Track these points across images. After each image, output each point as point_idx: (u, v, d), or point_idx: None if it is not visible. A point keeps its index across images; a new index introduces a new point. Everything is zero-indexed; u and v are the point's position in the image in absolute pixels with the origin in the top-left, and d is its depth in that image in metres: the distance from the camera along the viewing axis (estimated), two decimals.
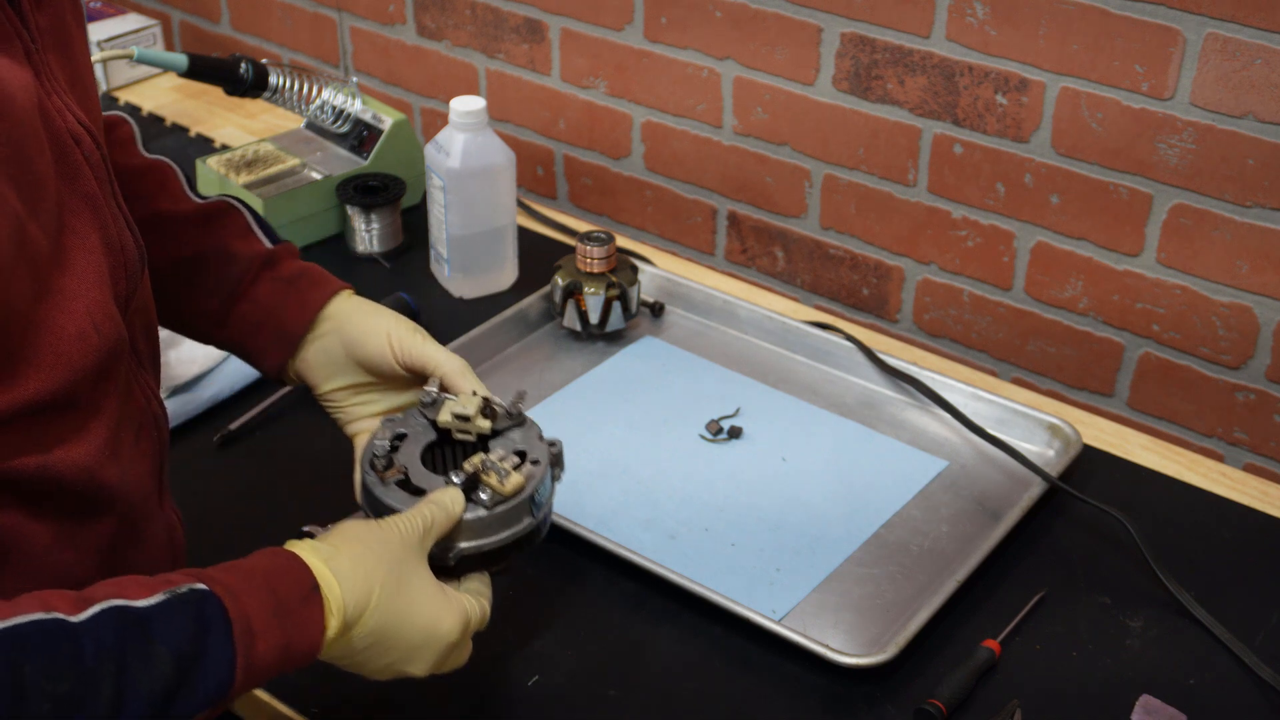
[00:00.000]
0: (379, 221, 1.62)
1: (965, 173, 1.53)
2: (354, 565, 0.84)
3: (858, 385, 1.43)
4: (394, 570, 0.86)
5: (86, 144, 0.84)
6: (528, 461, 0.98)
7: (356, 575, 0.84)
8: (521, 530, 0.96)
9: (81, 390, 0.81)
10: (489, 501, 0.94)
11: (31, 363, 0.77)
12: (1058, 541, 1.23)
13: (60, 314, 0.79)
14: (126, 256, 0.88)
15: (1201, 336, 1.44)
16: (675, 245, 1.83)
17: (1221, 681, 1.09)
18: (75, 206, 0.82)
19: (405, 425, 1.01)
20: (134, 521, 0.91)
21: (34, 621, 0.70)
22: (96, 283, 0.83)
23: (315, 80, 1.66)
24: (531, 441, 1.00)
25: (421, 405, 1.02)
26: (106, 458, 0.85)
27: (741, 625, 1.11)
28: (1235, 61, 1.31)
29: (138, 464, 0.91)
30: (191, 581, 0.77)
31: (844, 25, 1.54)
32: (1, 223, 0.72)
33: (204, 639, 0.75)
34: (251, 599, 0.78)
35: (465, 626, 0.90)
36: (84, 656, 0.71)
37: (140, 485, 0.92)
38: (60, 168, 0.81)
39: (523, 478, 0.96)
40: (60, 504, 0.83)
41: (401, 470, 0.98)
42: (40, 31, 0.83)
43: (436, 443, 1.01)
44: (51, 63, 0.84)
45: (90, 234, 0.83)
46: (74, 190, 0.83)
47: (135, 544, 0.92)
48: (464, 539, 0.94)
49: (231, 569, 0.80)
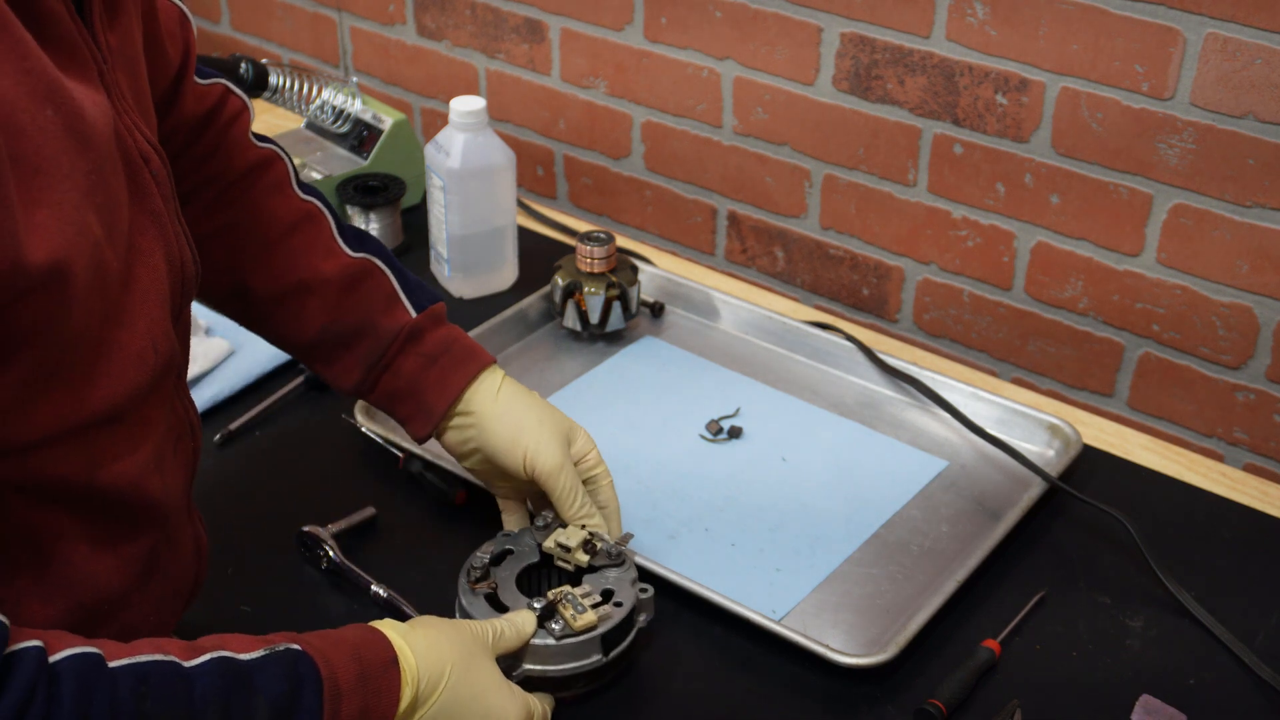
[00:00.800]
0: (379, 221, 1.62)
1: (965, 173, 1.53)
2: (429, 645, 0.90)
3: (858, 385, 1.43)
4: (464, 658, 0.92)
5: (154, 163, 0.85)
6: (610, 603, 1.04)
7: (431, 654, 0.90)
8: (587, 665, 1.02)
9: (133, 406, 0.83)
10: (559, 633, 1.01)
11: (93, 382, 0.78)
12: (1058, 541, 1.23)
13: (124, 333, 0.80)
14: (185, 274, 0.89)
15: (1201, 336, 1.44)
16: (675, 245, 1.83)
17: (1221, 681, 1.09)
18: (143, 225, 0.83)
19: (515, 542, 1.09)
20: (169, 533, 0.92)
21: (154, 661, 0.77)
22: (158, 301, 0.84)
23: (315, 80, 1.66)
24: (623, 584, 1.06)
25: (534, 527, 1.10)
26: (151, 470, 0.87)
27: (741, 625, 1.11)
28: (1235, 61, 1.31)
29: (177, 475, 0.92)
30: (288, 642, 0.84)
31: (844, 25, 1.54)
32: (84, 249, 0.73)
33: (298, 693, 0.81)
34: (340, 662, 0.84)
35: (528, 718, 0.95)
36: (194, 698, 0.77)
37: (178, 497, 0.93)
38: (130, 188, 0.82)
39: (596, 617, 1.02)
40: (105, 514, 0.85)
41: (492, 585, 1.05)
42: (111, 51, 0.83)
43: (537, 565, 1.08)
44: (121, 82, 0.84)
45: (155, 251, 0.84)
46: (142, 209, 0.83)
47: (169, 553, 0.93)
48: (530, 661, 1.01)
49: (322, 635, 0.86)
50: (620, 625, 1.03)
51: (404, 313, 1.10)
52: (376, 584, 1.15)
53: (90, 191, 0.74)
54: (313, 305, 1.09)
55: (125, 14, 0.86)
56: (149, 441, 0.86)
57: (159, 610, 0.93)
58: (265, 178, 1.11)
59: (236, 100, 1.11)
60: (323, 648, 0.84)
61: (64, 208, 0.71)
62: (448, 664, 0.90)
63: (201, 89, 1.08)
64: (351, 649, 0.86)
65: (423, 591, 1.14)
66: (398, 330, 1.09)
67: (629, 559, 1.08)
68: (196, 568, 0.99)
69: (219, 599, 1.15)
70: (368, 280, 1.10)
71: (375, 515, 1.23)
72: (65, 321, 0.73)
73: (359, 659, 0.85)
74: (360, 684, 0.84)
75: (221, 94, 1.09)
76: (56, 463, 0.79)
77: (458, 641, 0.92)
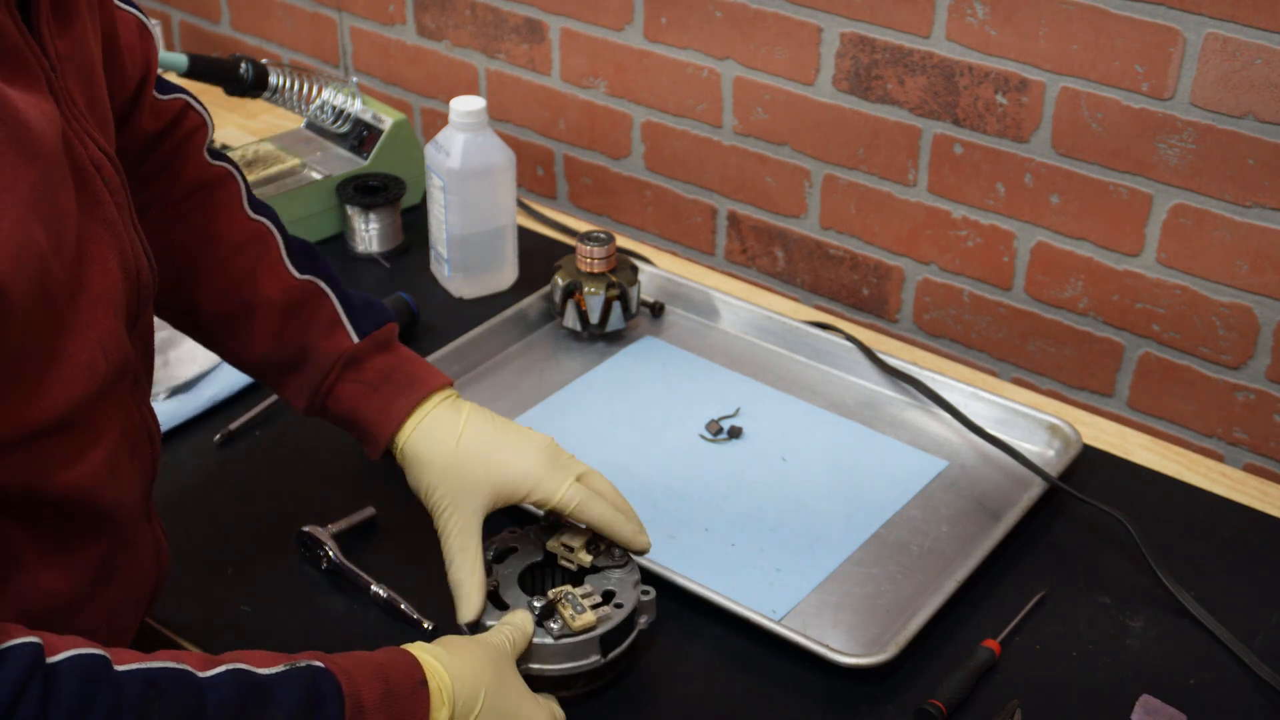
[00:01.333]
0: (379, 221, 1.62)
1: (965, 173, 1.53)
2: (462, 666, 0.90)
3: (858, 385, 1.43)
4: (496, 675, 0.92)
5: (106, 170, 0.85)
6: (610, 604, 1.04)
7: (466, 675, 0.90)
8: (586, 666, 1.02)
9: (83, 414, 0.82)
10: (557, 632, 1.01)
11: (39, 391, 0.77)
12: (1058, 541, 1.23)
13: (72, 342, 0.79)
14: (141, 281, 0.88)
15: (1201, 336, 1.44)
16: (675, 245, 1.83)
17: (1221, 681, 1.09)
18: (95, 234, 0.82)
19: (520, 541, 1.09)
20: (125, 539, 0.91)
21: (166, 668, 0.76)
22: (111, 310, 0.83)
23: (315, 80, 1.66)
24: (625, 586, 1.06)
25: (541, 525, 1.10)
26: (104, 479, 0.86)
27: (741, 625, 1.11)
28: (1235, 61, 1.31)
29: (133, 482, 0.91)
30: (311, 659, 0.83)
31: (844, 25, 1.54)
32: (28, 263, 0.72)
33: (318, 709, 0.80)
34: (364, 681, 0.84)
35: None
36: (206, 707, 0.76)
37: (134, 503, 0.92)
38: (81, 196, 0.81)
39: (595, 618, 1.02)
40: (54, 523, 0.84)
41: (494, 583, 1.05)
42: (61, 59, 0.82)
43: (540, 564, 1.08)
44: (73, 90, 0.83)
45: (109, 259, 0.83)
46: (95, 217, 0.83)
47: (125, 563, 0.92)
48: (530, 661, 1.01)
49: (348, 655, 0.86)
50: (620, 627, 1.03)
51: (345, 338, 1.08)
52: (376, 584, 1.15)
53: (35, 203, 0.73)
54: (256, 328, 1.08)
55: (78, 20, 0.85)
56: (100, 449, 0.85)
57: (115, 617, 0.92)
58: (216, 196, 1.09)
59: (196, 117, 1.09)
60: (347, 666, 0.84)
61: (4, 223, 0.70)
62: (482, 685, 0.90)
63: (160, 104, 1.07)
64: (376, 668, 0.85)
65: (423, 592, 1.14)
66: (336, 357, 1.07)
67: (632, 561, 1.08)
68: (156, 573, 0.98)
69: (219, 599, 1.15)
70: (310, 304, 1.08)
71: (375, 515, 1.23)
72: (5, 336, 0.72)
73: (384, 678, 0.85)
74: (386, 703, 0.83)
75: (181, 110, 1.08)
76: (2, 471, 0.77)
77: (487, 660, 0.92)
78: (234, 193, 1.10)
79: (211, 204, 1.09)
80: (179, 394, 1.36)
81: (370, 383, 1.07)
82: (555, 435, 1.33)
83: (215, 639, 1.11)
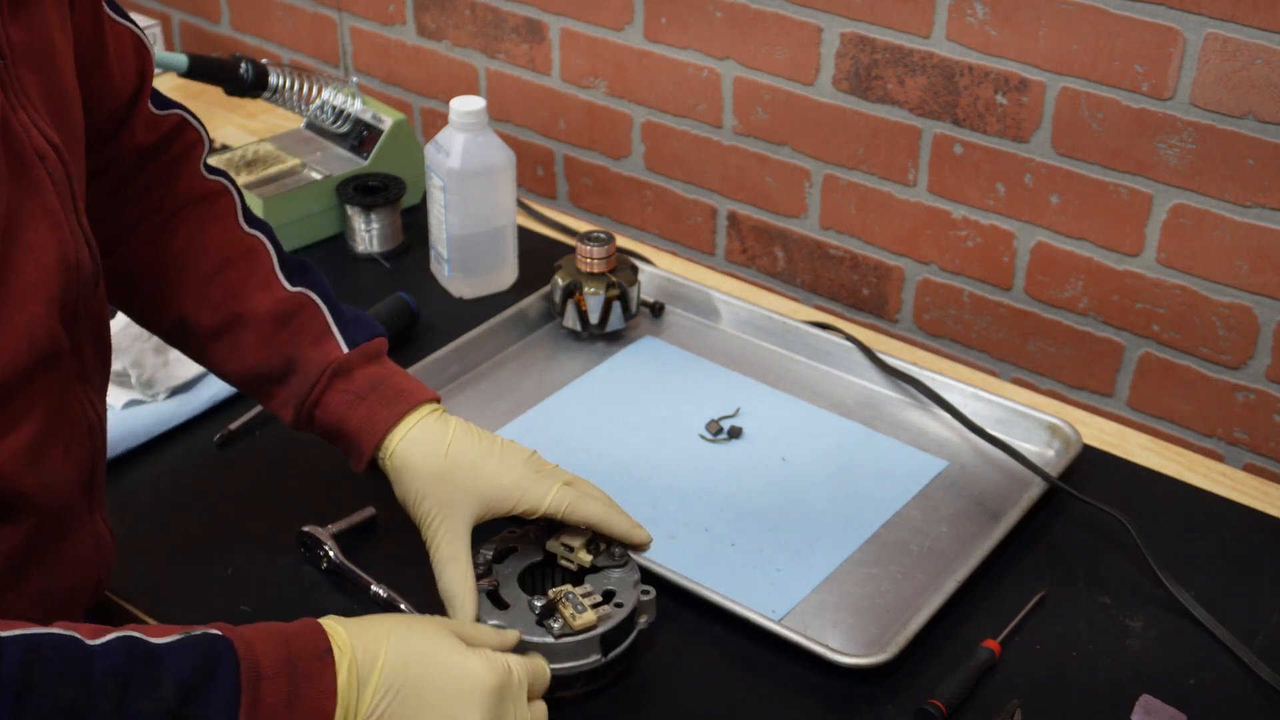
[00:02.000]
0: (379, 221, 1.62)
1: (965, 173, 1.53)
2: (366, 623, 0.87)
3: (858, 385, 1.43)
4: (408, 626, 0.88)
5: (51, 160, 0.85)
6: (611, 603, 1.04)
7: (366, 625, 0.86)
8: (587, 665, 1.02)
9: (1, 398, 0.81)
10: (557, 631, 1.01)
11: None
12: (1058, 541, 1.23)
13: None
14: (81, 274, 0.88)
15: (1201, 336, 1.44)
16: (675, 245, 1.83)
17: (1221, 681, 1.09)
18: (33, 221, 0.83)
19: (520, 541, 1.09)
20: (54, 531, 0.91)
21: (51, 634, 0.75)
22: (42, 299, 0.83)
23: (315, 80, 1.66)
24: (625, 586, 1.06)
25: (540, 524, 1.09)
26: (24, 464, 0.85)
27: (741, 625, 1.11)
28: (1235, 61, 1.31)
29: (64, 473, 0.91)
30: (210, 628, 0.81)
31: (844, 25, 1.54)
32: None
33: (210, 673, 0.78)
34: (264, 648, 0.81)
35: (504, 672, 0.89)
36: (92, 672, 0.74)
37: (65, 494, 0.91)
38: (20, 181, 0.81)
39: (595, 617, 1.01)
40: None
41: (494, 583, 1.05)
42: (12, 45, 0.82)
43: (541, 564, 1.08)
44: (25, 78, 0.83)
45: (45, 248, 0.83)
46: (34, 204, 0.83)
47: (54, 554, 0.91)
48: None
49: (255, 625, 0.83)
50: (620, 626, 1.03)
51: (334, 347, 1.07)
52: (376, 584, 1.15)
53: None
54: (247, 340, 1.08)
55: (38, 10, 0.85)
56: (19, 435, 0.84)
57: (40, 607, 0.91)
58: (211, 210, 1.09)
59: (193, 132, 1.10)
60: (247, 635, 0.81)
61: None
62: (386, 631, 0.86)
63: (155, 118, 1.07)
64: (281, 637, 0.82)
65: (423, 591, 1.14)
66: (325, 365, 1.06)
67: (632, 561, 1.08)
68: (98, 570, 0.97)
69: (219, 599, 1.15)
70: (300, 314, 1.08)
71: (375, 515, 1.23)
72: None
73: (287, 645, 0.82)
74: (286, 669, 0.80)
75: (176, 124, 1.09)
76: None
77: (396, 617, 0.89)
78: (229, 207, 1.10)
79: (206, 217, 1.09)
80: (179, 394, 1.36)
81: (358, 392, 1.06)
82: (555, 435, 1.34)
83: None
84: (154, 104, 1.07)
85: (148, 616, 1.13)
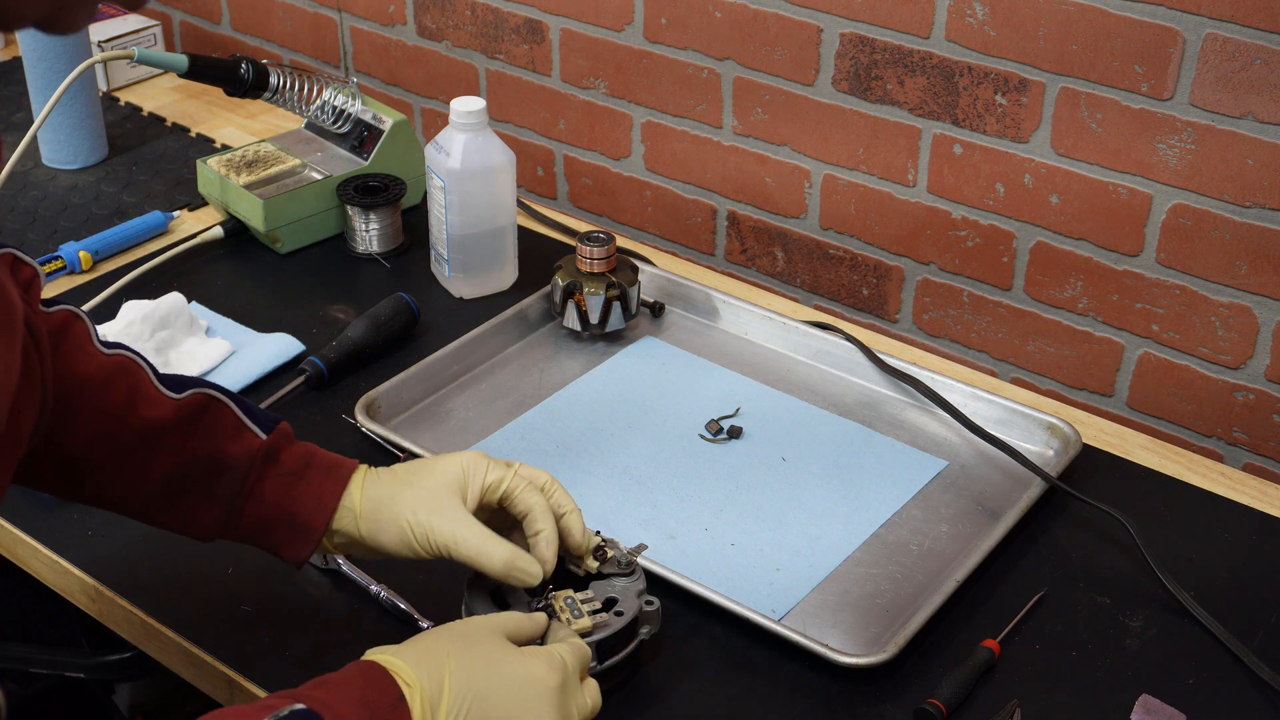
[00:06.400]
0: (379, 222, 1.62)
1: (965, 173, 1.53)
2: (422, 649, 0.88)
3: (858, 385, 1.43)
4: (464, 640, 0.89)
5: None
6: (612, 611, 1.03)
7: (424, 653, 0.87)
8: None
9: None
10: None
11: None
12: (1057, 541, 1.23)
13: None
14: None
15: (1201, 336, 1.44)
16: (675, 245, 1.83)
17: (1221, 681, 1.09)
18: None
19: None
20: None
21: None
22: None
23: (315, 80, 1.66)
24: (628, 594, 1.05)
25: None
26: None
27: (741, 625, 1.11)
28: (1235, 61, 1.31)
29: None
30: (290, 703, 0.80)
31: (844, 25, 1.54)
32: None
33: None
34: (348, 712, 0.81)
35: (563, 667, 0.90)
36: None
37: None
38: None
39: (591, 623, 1.01)
40: None
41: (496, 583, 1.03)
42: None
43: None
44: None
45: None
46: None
47: None
48: None
49: (324, 685, 0.84)
50: (619, 635, 1.02)
51: (253, 437, 1.02)
52: (376, 584, 1.15)
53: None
54: (153, 454, 1.01)
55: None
56: None
57: None
58: (65, 341, 1.01)
59: (27, 269, 0.98)
60: (329, 700, 0.82)
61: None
62: (444, 653, 0.87)
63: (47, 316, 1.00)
64: (359, 696, 0.83)
65: (423, 591, 1.14)
66: (252, 455, 1.02)
67: (639, 570, 1.07)
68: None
69: (219, 599, 1.15)
70: (208, 413, 1.02)
71: None
72: None
73: (367, 705, 0.82)
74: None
75: (10, 263, 0.96)
76: None
77: (456, 631, 0.90)
78: (83, 332, 1.03)
79: (63, 349, 1.01)
80: None
81: (294, 471, 1.03)
82: (556, 435, 1.34)
83: (216, 639, 1.11)
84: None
85: (148, 616, 1.14)
